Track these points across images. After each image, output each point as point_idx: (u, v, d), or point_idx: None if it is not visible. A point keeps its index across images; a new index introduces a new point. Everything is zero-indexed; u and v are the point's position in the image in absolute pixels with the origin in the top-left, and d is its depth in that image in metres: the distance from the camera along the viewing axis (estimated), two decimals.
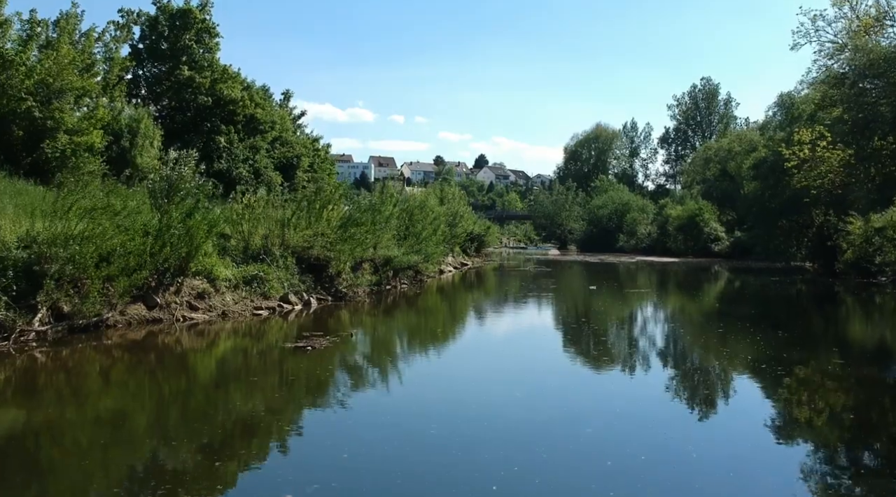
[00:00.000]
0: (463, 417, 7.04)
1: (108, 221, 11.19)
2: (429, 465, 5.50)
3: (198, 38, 22.32)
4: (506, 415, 7.17)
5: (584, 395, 8.45)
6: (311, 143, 27.62)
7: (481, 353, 11.79)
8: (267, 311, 13.57)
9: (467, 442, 6.11)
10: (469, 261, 36.99)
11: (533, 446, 5.94)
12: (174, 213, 12.64)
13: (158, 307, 12.10)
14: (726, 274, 35.16)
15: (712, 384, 9.51)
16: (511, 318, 17.36)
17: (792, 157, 29.71)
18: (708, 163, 65.98)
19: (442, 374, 9.62)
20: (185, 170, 13.70)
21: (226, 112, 23.24)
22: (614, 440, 6.34)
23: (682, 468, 5.64)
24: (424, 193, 30.91)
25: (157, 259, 11.95)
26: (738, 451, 6.30)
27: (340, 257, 16.42)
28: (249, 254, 15.18)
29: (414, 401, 7.89)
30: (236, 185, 22.53)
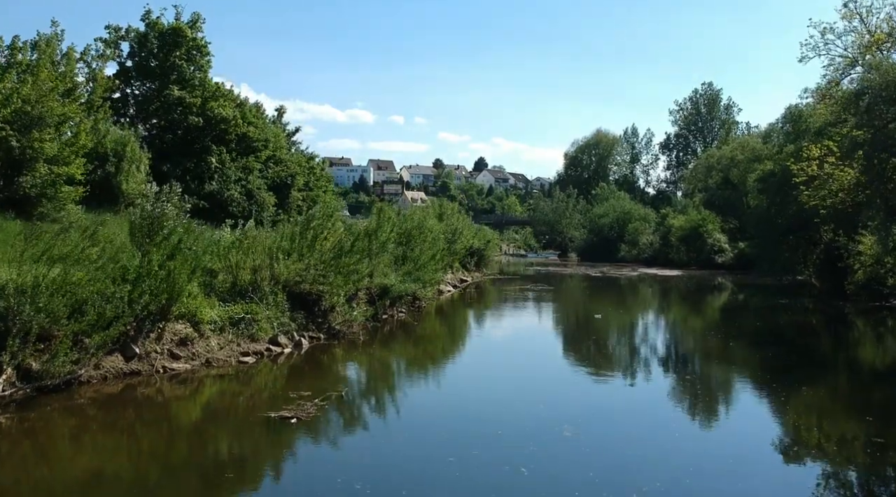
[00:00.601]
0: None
1: (82, 272, 10.45)
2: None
3: (188, 57, 21.58)
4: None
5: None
6: (307, 161, 26.84)
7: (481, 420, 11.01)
8: (254, 358, 12.79)
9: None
10: (469, 276, 36.25)
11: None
12: (155, 255, 11.88)
13: (137, 357, 11.34)
14: (733, 292, 34.44)
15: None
16: (512, 366, 16.49)
17: (800, 173, 28.99)
18: (710, 171, 65.25)
19: (440, 443, 8.83)
20: (168, 206, 12.88)
21: (217, 131, 22.50)
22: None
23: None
24: (423, 211, 30.12)
25: (137, 306, 11.21)
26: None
27: (334, 290, 15.66)
28: (237, 290, 14.42)
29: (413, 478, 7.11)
30: (228, 207, 21.82)
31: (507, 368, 14.34)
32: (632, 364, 15.28)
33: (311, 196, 26.54)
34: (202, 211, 21.35)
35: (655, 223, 58.78)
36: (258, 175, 23.31)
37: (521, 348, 17.46)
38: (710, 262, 48.42)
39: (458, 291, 30.03)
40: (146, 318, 11.50)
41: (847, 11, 26.74)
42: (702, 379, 13.95)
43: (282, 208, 24.36)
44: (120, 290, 10.92)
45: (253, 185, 22.60)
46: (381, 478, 7.21)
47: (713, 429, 10.19)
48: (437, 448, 8.37)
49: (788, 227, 31.43)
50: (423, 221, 24.73)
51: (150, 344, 11.66)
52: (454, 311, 24.41)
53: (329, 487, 6.96)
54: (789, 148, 32.36)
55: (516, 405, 10.74)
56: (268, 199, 22.96)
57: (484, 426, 9.28)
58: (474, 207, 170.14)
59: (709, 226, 48.97)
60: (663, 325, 22.95)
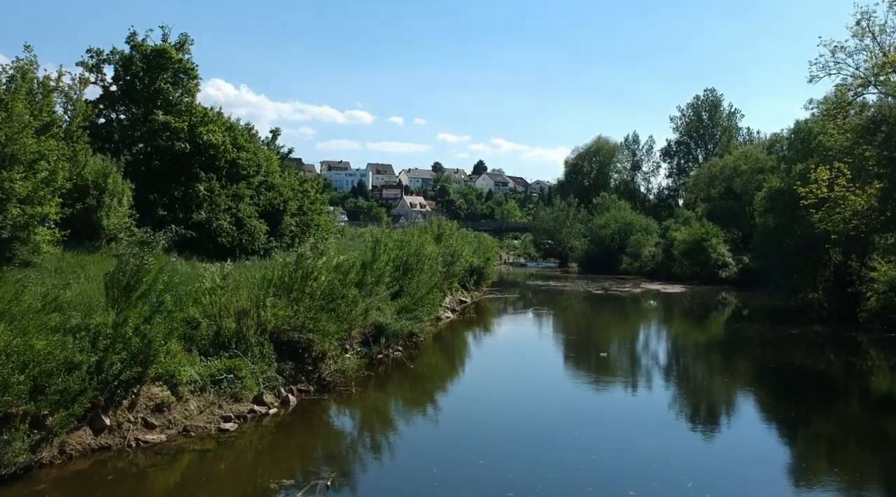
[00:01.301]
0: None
1: (42, 341, 9.54)
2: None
3: (175, 80, 20.68)
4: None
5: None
6: (300, 185, 25.94)
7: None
8: (236, 423, 11.87)
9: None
10: (468, 295, 35.36)
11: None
12: (131, 316, 10.97)
13: (108, 430, 10.44)
14: (740, 317, 33.59)
15: None
16: (514, 408, 15.58)
17: (809, 195, 28.11)
18: (713, 180, 64.50)
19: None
20: (148, 259, 11.94)
21: (206, 157, 21.61)
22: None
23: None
24: (420, 232, 29.25)
25: (108, 375, 10.31)
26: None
27: (325, 339, 14.76)
28: (220, 341, 13.53)
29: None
30: (217, 238, 20.92)
31: (510, 426, 13.39)
32: (640, 415, 14.37)
33: (304, 220, 25.63)
34: (190, 241, 20.50)
35: (658, 235, 57.85)
36: (249, 202, 22.42)
37: (521, 393, 16.54)
38: (714, 277, 47.51)
39: (458, 315, 29.16)
40: (118, 386, 10.61)
41: (859, 29, 25.86)
42: (727, 438, 13.04)
43: (273, 235, 23.48)
44: (87, 360, 10.04)
45: (243, 214, 21.70)
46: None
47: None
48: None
49: (796, 247, 30.55)
50: (421, 248, 23.84)
51: (122, 413, 10.76)
52: (453, 342, 23.50)
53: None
54: (797, 167, 31.46)
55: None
56: (259, 227, 22.06)
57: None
58: (473, 212, 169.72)
59: (712, 240, 48.07)
60: (670, 365, 22.00)
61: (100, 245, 17.61)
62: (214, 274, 14.39)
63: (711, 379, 19.35)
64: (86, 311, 11.67)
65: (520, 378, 18.26)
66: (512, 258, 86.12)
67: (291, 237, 24.83)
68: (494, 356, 22.07)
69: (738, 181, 61.39)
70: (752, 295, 40.86)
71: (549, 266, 74.83)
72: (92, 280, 15.02)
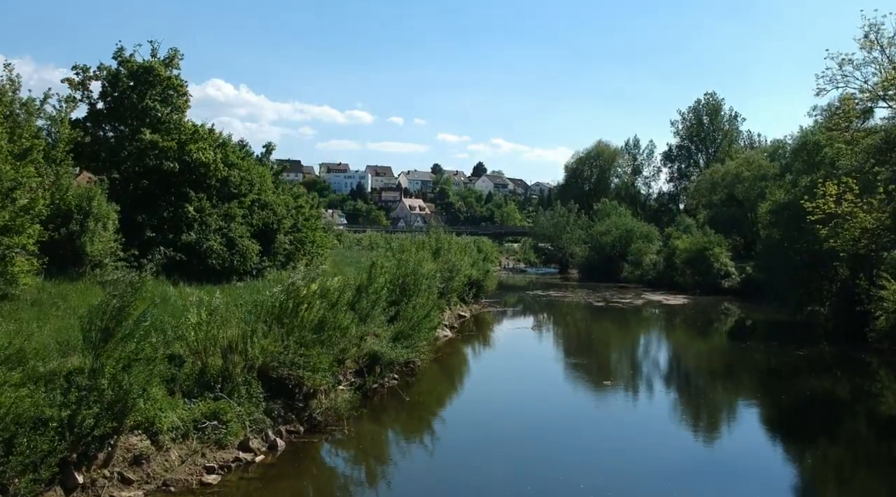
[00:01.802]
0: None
1: (8, 395, 8.88)
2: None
3: (163, 98, 20.03)
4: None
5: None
6: (295, 200, 25.29)
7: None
8: (220, 475, 11.21)
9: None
10: (467, 309, 34.73)
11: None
12: (108, 364, 10.31)
13: (80, 487, 9.79)
14: (744, 332, 32.97)
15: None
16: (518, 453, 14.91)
17: (816, 210, 27.49)
18: (714, 187, 63.92)
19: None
20: (131, 299, 11.26)
21: (196, 175, 20.97)
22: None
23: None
24: (419, 248, 28.63)
25: (81, 430, 9.67)
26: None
27: (317, 376, 14.10)
28: (206, 380, 12.87)
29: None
30: (207, 259, 20.27)
31: (510, 460, 12.74)
32: (647, 457, 13.73)
33: (299, 237, 24.98)
34: (179, 264, 19.85)
35: (659, 244, 57.17)
36: (241, 221, 21.75)
37: (521, 423, 15.89)
38: (717, 287, 46.84)
39: (456, 332, 28.51)
40: (91, 441, 9.96)
41: (867, 42, 25.22)
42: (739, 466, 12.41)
43: (267, 255, 22.82)
44: (58, 415, 9.39)
45: (235, 234, 21.04)
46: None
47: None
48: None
49: (802, 262, 29.89)
50: (419, 268, 23.19)
51: (97, 469, 10.11)
52: (451, 366, 22.81)
53: None
54: (804, 180, 30.82)
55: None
56: (251, 247, 21.41)
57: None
58: (473, 215, 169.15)
59: (715, 249, 47.38)
60: (676, 395, 21.31)
61: (84, 271, 16.97)
62: (201, 309, 13.70)
63: (720, 408, 18.72)
64: (62, 352, 11.09)
65: (519, 407, 17.60)
66: (512, 263, 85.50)
67: (286, 255, 24.20)
68: (493, 381, 21.39)
69: (740, 188, 60.79)
70: (756, 307, 40.28)
71: (549, 272, 74.23)
72: (72, 312, 14.41)
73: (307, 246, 25.80)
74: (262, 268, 22.46)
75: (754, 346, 28.47)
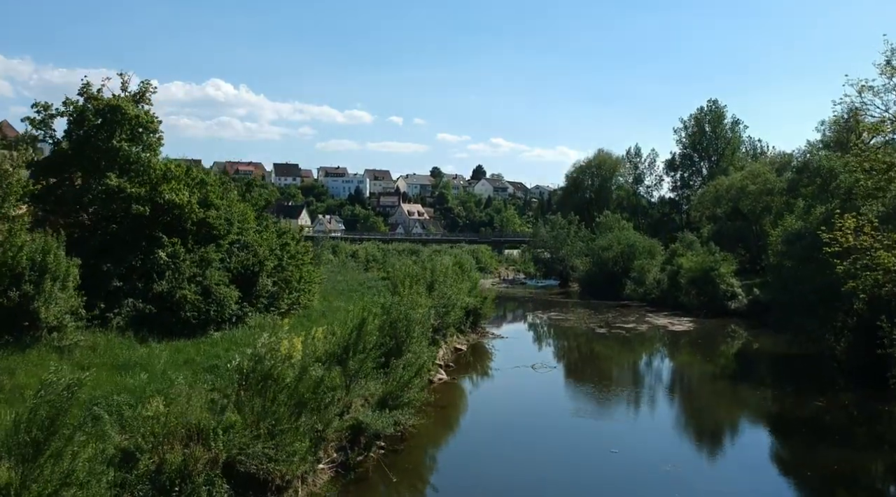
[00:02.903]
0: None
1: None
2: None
3: (132, 137, 18.48)
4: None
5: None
6: (279, 238, 23.75)
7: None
8: None
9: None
10: (465, 340, 33.21)
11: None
12: (33, 490, 8.78)
13: None
14: (754, 371, 31.41)
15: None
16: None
17: (833, 242, 26.00)
18: (719, 200, 62.45)
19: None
20: (67, 406, 9.69)
21: (170, 218, 19.44)
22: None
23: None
24: (412, 281, 27.09)
25: None
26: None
27: (291, 469, 12.58)
28: (162, 481, 11.34)
29: None
30: (180, 312, 18.74)
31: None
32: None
33: (283, 277, 23.44)
34: (149, 318, 18.36)
35: (662, 257, 55.60)
36: (218, 266, 20.22)
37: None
38: (723, 309, 45.30)
39: (452, 372, 26.95)
40: None
41: (888, 68, 23.76)
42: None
43: (248, 299, 21.30)
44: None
45: (211, 281, 19.50)
46: None
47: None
48: None
49: (817, 297, 28.35)
50: (411, 312, 21.66)
51: None
52: (445, 419, 21.24)
53: None
54: (818, 210, 29.31)
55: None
56: (229, 293, 19.87)
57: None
58: (472, 220, 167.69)
59: (721, 269, 45.82)
60: (687, 457, 19.76)
61: (39, 335, 15.44)
62: (159, 403, 12.17)
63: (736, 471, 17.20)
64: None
65: (523, 477, 16.06)
66: (511, 274, 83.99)
67: (269, 298, 22.67)
68: (493, 445, 19.59)
69: (745, 201, 59.29)
70: (764, 332, 38.83)
71: (549, 285, 72.74)
72: (19, 393, 12.94)
73: (293, 284, 24.26)
74: (242, 314, 20.96)
75: (767, 391, 26.80)
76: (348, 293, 33.52)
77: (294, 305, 24.59)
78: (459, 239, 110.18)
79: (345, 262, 53.22)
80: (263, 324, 21.83)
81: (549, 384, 25.80)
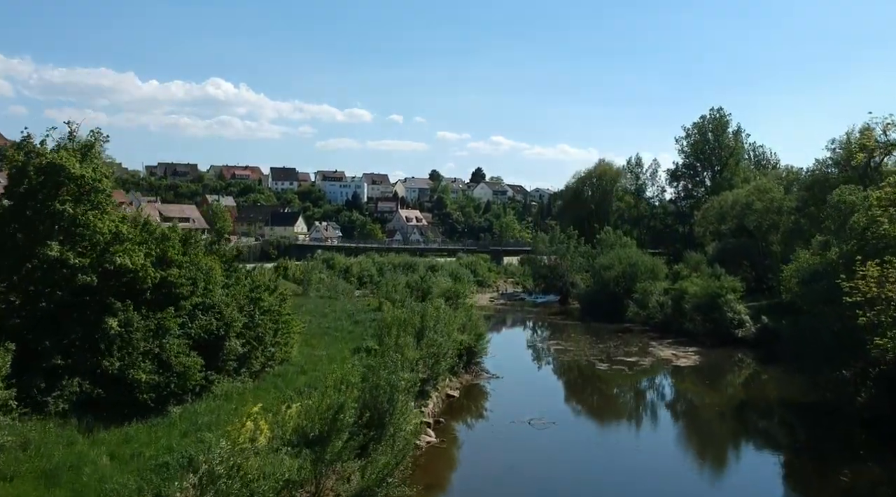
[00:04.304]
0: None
1: None
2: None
3: (77, 198, 16.44)
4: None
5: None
6: (251, 292, 21.74)
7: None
8: None
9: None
10: (458, 382, 31.20)
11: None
12: None
13: None
14: (768, 418, 29.37)
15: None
16: None
17: (854, 291, 24.10)
18: (723, 217, 60.44)
19: None
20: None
21: (122, 283, 17.43)
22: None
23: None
24: (398, 326, 25.09)
25: None
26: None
27: None
28: None
29: None
30: (133, 393, 16.73)
31: None
32: None
33: (256, 334, 21.45)
34: (96, 401, 16.36)
35: (665, 276, 53.47)
36: (178, 332, 18.22)
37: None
38: (729, 336, 43.26)
39: (442, 429, 24.95)
40: None
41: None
42: None
43: (213, 367, 19.32)
44: None
45: (170, 351, 17.50)
46: None
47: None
48: None
49: (837, 343, 26.36)
50: (394, 377, 19.65)
51: None
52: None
53: None
54: (835, 250, 27.30)
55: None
56: (191, 363, 17.89)
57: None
58: (471, 225, 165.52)
59: (728, 296, 43.78)
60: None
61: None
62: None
63: None
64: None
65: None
66: (510, 287, 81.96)
67: (238, 361, 20.69)
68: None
69: (751, 217, 57.26)
70: (774, 365, 37.00)
71: (548, 300, 70.76)
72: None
73: (267, 340, 22.26)
74: (207, 383, 18.99)
75: (784, 454, 24.76)
76: (334, 332, 31.56)
77: (269, 362, 22.61)
78: (457, 248, 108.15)
79: (336, 283, 51.15)
80: (231, 391, 19.90)
81: (548, 448, 23.71)
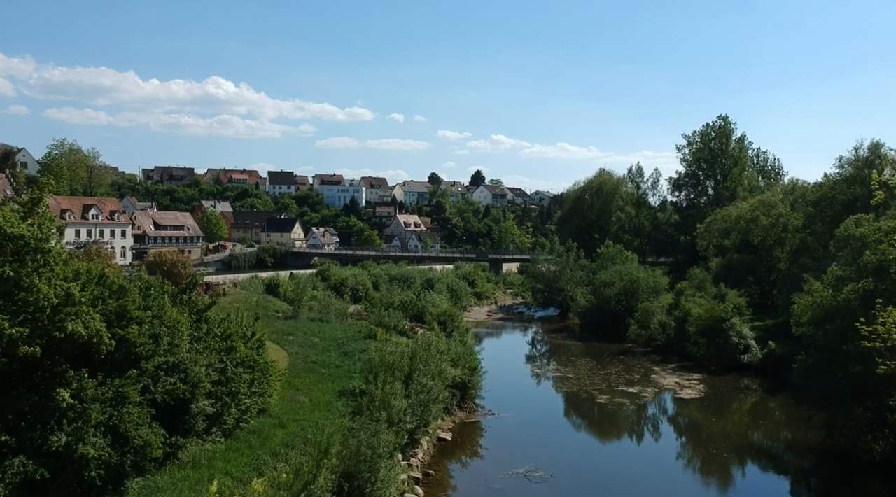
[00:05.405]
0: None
1: None
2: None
3: (18, 259, 14.83)
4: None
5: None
6: (223, 342, 20.13)
7: None
8: None
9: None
10: (450, 423, 29.54)
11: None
12: None
13: None
14: (780, 470, 27.66)
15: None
16: None
17: (873, 337, 22.53)
18: (727, 232, 58.79)
19: None
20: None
21: (74, 349, 15.82)
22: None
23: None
24: (385, 375, 23.46)
25: None
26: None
27: None
28: None
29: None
30: (83, 472, 15.13)
31: None
32: None
33: (229, 389, 19.86)
34: (42, 483, 14.76)
35: (669, 303, 51.60)
36: (139, 398, 16.61)
37: None
38: (735, 362, 41.61)
39: (432, 478, 23.37)
40: None
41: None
42: None
43: (179, 432, 17.72)
44: None
45: (128, 423, 15.90)
46: None
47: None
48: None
49: (853, 390, 24.71)
50: (374, 441, 18.05)
51: None
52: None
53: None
54: (850, 286, 25.66)
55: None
56: (151, 437, 16.28)
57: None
58: (470, 230, 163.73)
59: (733, 320, 42.13)
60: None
61: None
62: None
63: None
64: None
65: None
66: (509, 300, 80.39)
67: (208, 421, 19.09)
68: None
69: (756, 232, 55.64)
70: (782, 394, 35.49)
71: (547, 314, 69.24)
72: None
73: (243, 392, 20.66)
74: (172, 450, 17.41)
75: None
76: (321, 368, 29.95)
77: (244, 417, 20.99)
78: (456, 256, 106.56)
79: (329, 303, 49.35)
80: (200, 456, 18.29)
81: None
